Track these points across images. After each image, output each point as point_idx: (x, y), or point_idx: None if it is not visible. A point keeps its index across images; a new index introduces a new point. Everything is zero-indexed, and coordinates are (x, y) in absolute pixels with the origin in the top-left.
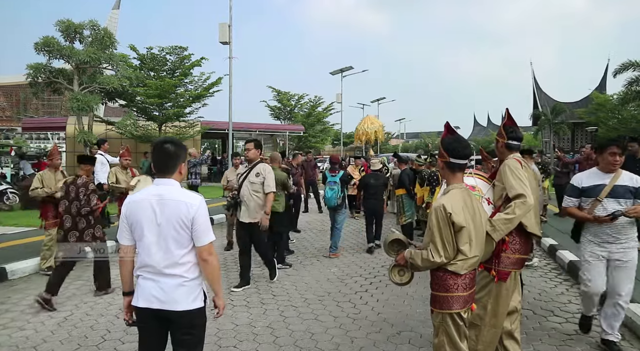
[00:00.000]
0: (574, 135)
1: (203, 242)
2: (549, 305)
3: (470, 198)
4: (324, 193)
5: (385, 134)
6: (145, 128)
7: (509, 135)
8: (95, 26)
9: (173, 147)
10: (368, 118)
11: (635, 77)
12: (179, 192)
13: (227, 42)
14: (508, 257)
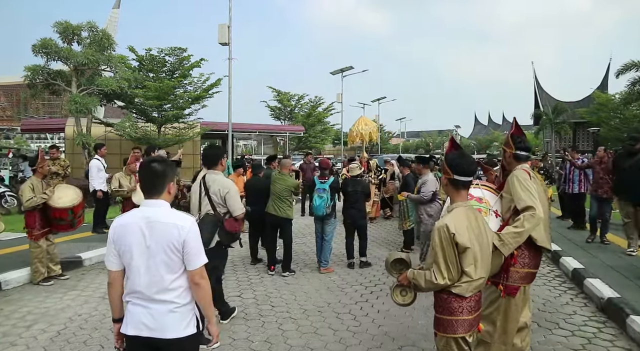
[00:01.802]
0: (575, 135)
1: (195, 265)
2: (554, 316)
3: (475, 217)
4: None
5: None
6: (145, 130)
7: (517, 145)
8: (94, 27)
9: (161, 166)
10: (362, 119)
11: (638, 77)
12: (168, 214)
13: (227, 43)
14: (517, 272)
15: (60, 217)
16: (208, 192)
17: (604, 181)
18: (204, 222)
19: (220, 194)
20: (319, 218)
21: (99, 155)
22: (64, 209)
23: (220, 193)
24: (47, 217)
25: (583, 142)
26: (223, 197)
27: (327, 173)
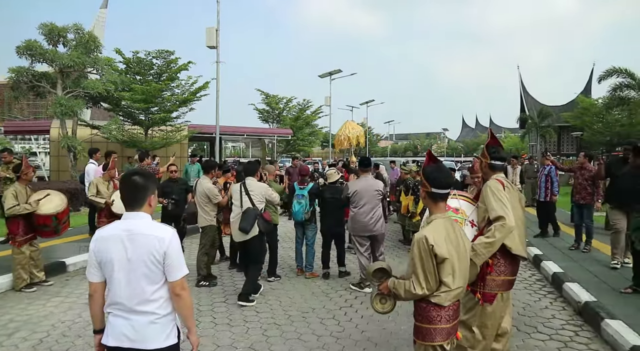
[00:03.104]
0: (560, 138)
1: (176, 276)
2: (533, 320)
3: (452, 228)
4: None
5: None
6: (131, 132)
7: (491, 155)
8: (80, 29)
9: (141, 179)
10: (349, 124)
11: (619, 83)
12: (149, 226)
13: (215, 46)
14: (493, 280)
15: (45, 224)
16: (249, 192)
17: (582, 187)
18: (246, 214)
19: (263, 193)
20: (299, 224)
21: (95, 159)
22: (48, 216)
23: (263, 193)
24: (30, 223)
25: (567, 146)
26: (265, 195)
27: (306, 179)
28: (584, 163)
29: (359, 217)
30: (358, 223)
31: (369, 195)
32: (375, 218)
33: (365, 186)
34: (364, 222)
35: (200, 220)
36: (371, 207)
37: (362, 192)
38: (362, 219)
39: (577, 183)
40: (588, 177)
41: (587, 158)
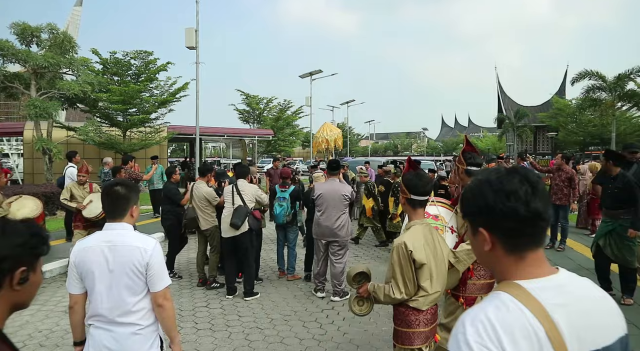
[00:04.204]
0: (536, 138)
1: (158, 287)
2: None
3: (431, 234)
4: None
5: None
6: (109, 134)
7: (467, 161)
8: (54, 29)
9: (123, 190)
10: (327, 125)
11: (591, 85)
12: (131, 237)
13: (194, 47)
14: (474, 284)
15: None
16: (240, 193)
17: (558, 188)
18: (237, 211)
19: (253, 194)
20: (281, 226)
21: (74, 162)
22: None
23: (253, 193)
24: None
25: (543, 146)
26: (255, 195)
27: (288, 182)
28: (561, 164)
29: (321, 220)
30: (320, 227)
31: (334, 199)
32: (339, 224)
33: (330, 190)
34: (326, 226)
35: (203, 223)
36: (335, 212)
37: (326, 195)
38: (324, 223)
39: (554, 184)
40: (565, 178)
41: (564, 160)
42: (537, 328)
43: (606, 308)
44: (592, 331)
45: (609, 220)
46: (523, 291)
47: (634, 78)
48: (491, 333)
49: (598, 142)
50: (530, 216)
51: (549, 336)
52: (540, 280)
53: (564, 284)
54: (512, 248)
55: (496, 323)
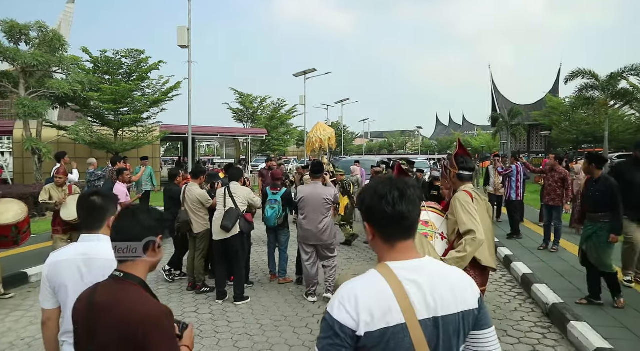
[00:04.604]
0: (530, 137)
1: None
2: (503, 323)
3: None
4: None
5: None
6: (100, 134)
7: (460, 165)
8: (43, 27)
9: (100, 200)
10: (320, 125)
11: (584, 84)
12: (107, 250)
13: (186, 45)
14: None
15: (3, 234)
16: (232, 196)
17: (552, 188)
18: (229, 213)
19: (246, 196)
20: (272, 229)
21: (63, 163)
22: (7, 226)
23: (245, 196)
24: None
25: (537, 144)
26: (247, 198)
27: (279, 184)
28: (555, 165)
29: (304, 224)
30: (303, 231)
31: (316, 202)
32: (322, 228)
33: (312, 193)
34: (309, 230)
35: (196, 226)
36: (317, 215)
37: (308, 198)
38: (307, 227)
39: (547, 185)
40: (558, 178)
41: (557, 161)
42: (389, 295)
43: (451, 287)
44: (437, 301)
45: (590, 224)
46: (388, 269)
47: (626, 77)
48: (352, 296)
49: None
50: (396, 215)
51: (398, 300)
52: (404, 262)
53: (421, 266)
54: (386, 238)
55: (358, 290)
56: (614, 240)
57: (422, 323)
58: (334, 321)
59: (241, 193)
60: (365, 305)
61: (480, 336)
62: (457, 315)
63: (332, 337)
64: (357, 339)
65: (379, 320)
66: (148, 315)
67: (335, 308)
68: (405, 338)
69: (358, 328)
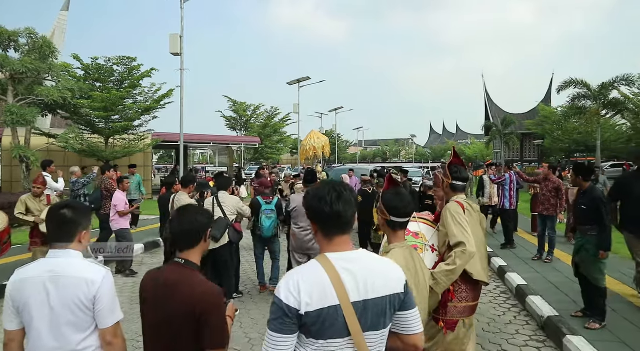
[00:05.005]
0: (523, 145)
1: (107, 323)
2: (498, 337)
3: (412, 258)
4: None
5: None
6: (91, 142)
7: (453, 175)
8: (33, 34)
9: (71, 213)
10: (314, 133)
11: (576, 93)
12: (77, 267)
13: (179, 53)
14: (455, 306)
15: None
16: (221, 205)
17: (545, 198)
18: (217, 222)
19: (234, 206)
20: (263, 239)
21: (49, 171)
22: None
23: (234, 205)
24: None
25: (530, 153)
26: (236, 208)
27: (269, 193)
28: (548, 174)
29: (298, 234)
30: (297, 241)
31: None
32: (312, 237)
33: None
34: (303, 240)
35: None
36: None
37: (301, 208)
38: (302, 237)
39: (541, 195)
40: (552, 188)
41: (551, 170)
42: (326, 281)
43: (380, 275)
44: (368, 287)
45: (580, 236)
46: (326, 260)
47: (618, 86)
48: (295, 283)
49: (583, 149)
50: (332, 214)
51: (333, 286)
52: (340, 254)
53: (356, 258)
54: (325, 233)
55: (300, 277)
56: (602, 256)
57: (354, 305)
58: (282, 304)
59: (230, 203)
60: (306, 290)
61: (404, 315)
62: (384, 298)
63: (282, 317)
64: (300, 318)
65: (316, 302)
66: (205, 294)
67: (282, 294)
68: (339, 318)
69: (300, 308)
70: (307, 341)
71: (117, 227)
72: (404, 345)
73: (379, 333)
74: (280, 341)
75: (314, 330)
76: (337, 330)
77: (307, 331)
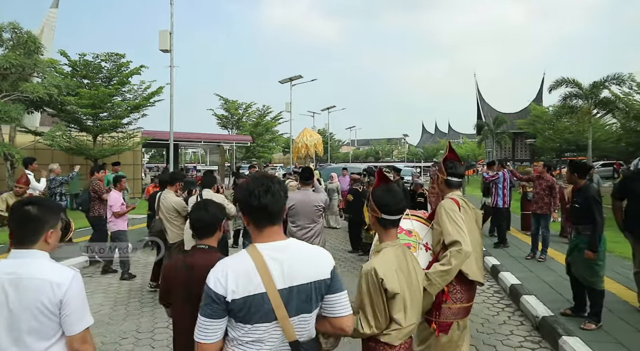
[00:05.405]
0: (515, 144)
1: (75, 330)
2: (492, 338)
3: (404, 256)
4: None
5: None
6: (78, 139)
7: (448, 171)
8: (17, 29)
9: (35, 210)
10: (306, 131)
11: (568, 92)
12: (41, 268)
13: (168, 50)
14: (449, 308)
15: None
16: None
17: (539, 197)
18: None
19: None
20: None
21: (30, 170)
22: None
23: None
24: None
25: (521, 152)
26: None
27: None
28: (542, 172)
29: (296, 233)
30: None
31: (308, 210)
32: (311, 235)
33: (304, 200)
34: (299, 238)
35: (172, 236)
36: (309, 223)
37: (299, 206)
38: (300, 236)
39: (535, 193)
40: (545, 186)
41: (545, 168)
42: (252, 270)
43: (307, 262)
44: (294, 274)
45: (574, 235)
46: (255, 250)
47: (609, 86)
48: (223, 271)
49: (574, 149)
50: (261, 207)
51: (260, 274)
52: (269, 243)
53: (284, 246)
54: (255, 224)
55: (228, 266)
56: (587, 255)
57: (280, 291)
58: (211, 291)
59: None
60: (233, 278)
61: (331, 299)
62: (310, 284)
63: (211, 303)
64: (227, 304)
65: (242, 289)
66: None
67: (211, 282)
68: (265, 304)
69: (227, 295)
70: (236, 325)
71: (115, 228)
72: (333, 328)
73: (306, 316)
74: (209, 326)
75: (240, 315)
76: (263, 315)
77: (235, 316)
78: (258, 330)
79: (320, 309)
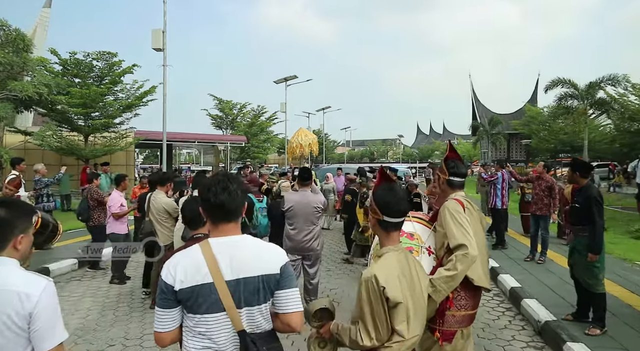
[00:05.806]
0: (510, 145)
1: (45, 346)
2: (493, 343)
3: (407, 262)
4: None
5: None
6: (69, 139)
7: (450, 170)
8: (5, 26)
9: (4, 212)
10: (302, 131)
11: (563, 93)
12: (8, 277)
13: (161, 48)
14: (453, 315)
15: None
16: None
17: (538, 197)
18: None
19: None
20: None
21: (18, 170)
22: None
23: None
24: None
25: (517, 153)
26: None
27: (257, 190)
28: (542, 173)
29: (294, 235)
30: (293, 242)
31: (306, 212)
32: (310, 237)
33: (302, 201)
34: (298, 240)
35: (163, 238)
36: (308, 225)
37: (297, 208)
38: (297, 238)
39: (534, 194)
40: (545, 187)
41: (545, 169)
42: (201, 261)
43: (256, 257)
44: (242, 267)
45: (574, 237)
46: (207, 244)
47: (604, 86)
48: (175, 264)
49: (569, 150)
50: (217, 204)
51: (208, 266)
52: (223, 238)
53: (236, 241)
54: (212, 220)
55: (180, 260)
56: (591, 258)
57: (228, 283)
58: (162, 282)
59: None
60: (182, 269)
61: (279, 294)
62: (257, 277)
63: (162, 293)
64: (175, 293)
65: (190, 279)
66: None
67: (164, 273)
68: (212, 294)
69: (175, 285)
70: (188, 316)
71: (109, 230)
72: (282, 324)
73: (254, 308)
74: (163, 315)
75: (189, 304)
76: (210, 305)
77: (185, 306)
78: (208, 320)
79: (272, 305)
